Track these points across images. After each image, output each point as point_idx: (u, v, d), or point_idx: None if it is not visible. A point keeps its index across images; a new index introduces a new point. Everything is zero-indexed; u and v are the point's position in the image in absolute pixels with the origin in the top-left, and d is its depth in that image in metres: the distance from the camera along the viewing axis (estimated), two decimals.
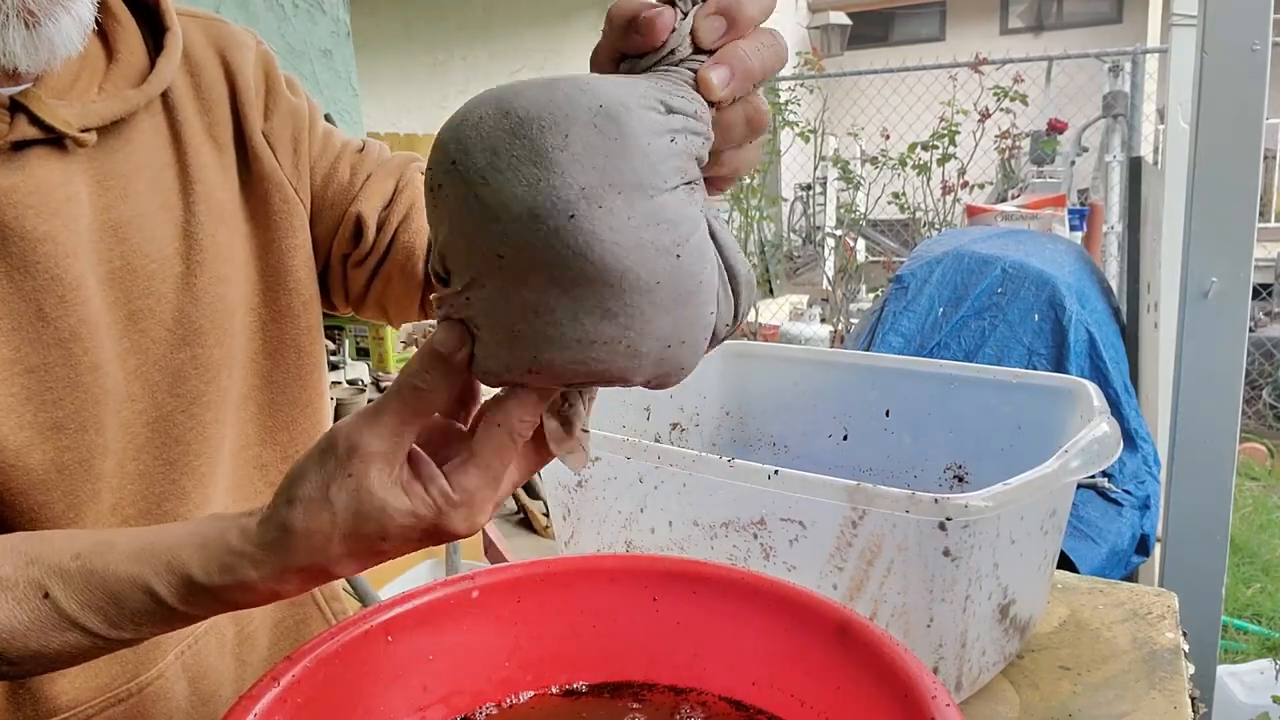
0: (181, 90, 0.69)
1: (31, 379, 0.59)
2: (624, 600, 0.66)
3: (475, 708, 0.63)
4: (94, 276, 0.62)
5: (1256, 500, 3.96)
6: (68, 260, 0.60)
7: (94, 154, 0.62)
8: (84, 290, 0.61)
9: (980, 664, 0.78)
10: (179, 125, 0.68)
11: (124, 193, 0.64)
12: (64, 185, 0.60)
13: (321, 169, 0.78)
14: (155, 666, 0.68)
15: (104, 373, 0.62)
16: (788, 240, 7.90)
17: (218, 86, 0.71)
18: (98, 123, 0.61)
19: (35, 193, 0.58)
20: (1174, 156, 2.33)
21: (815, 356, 1.20)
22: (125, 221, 0.64)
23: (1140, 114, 4.74)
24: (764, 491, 0.75)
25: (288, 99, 0.76)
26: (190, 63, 0.70)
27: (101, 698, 0.66)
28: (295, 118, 0.76)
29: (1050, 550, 0.85)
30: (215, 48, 0.72)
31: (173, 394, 0.67)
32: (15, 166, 0.58)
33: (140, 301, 0.64)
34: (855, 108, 6.55)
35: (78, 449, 0.61)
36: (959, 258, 2.67)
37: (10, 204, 0.57)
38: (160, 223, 0.66)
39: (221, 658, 0.74)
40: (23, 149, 0.58)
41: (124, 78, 0.65)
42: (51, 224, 0.59)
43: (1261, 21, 1.54)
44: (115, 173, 0.63)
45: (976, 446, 1.05)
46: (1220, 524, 1.71)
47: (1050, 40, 10.11)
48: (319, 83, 2.04)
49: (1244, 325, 1.63)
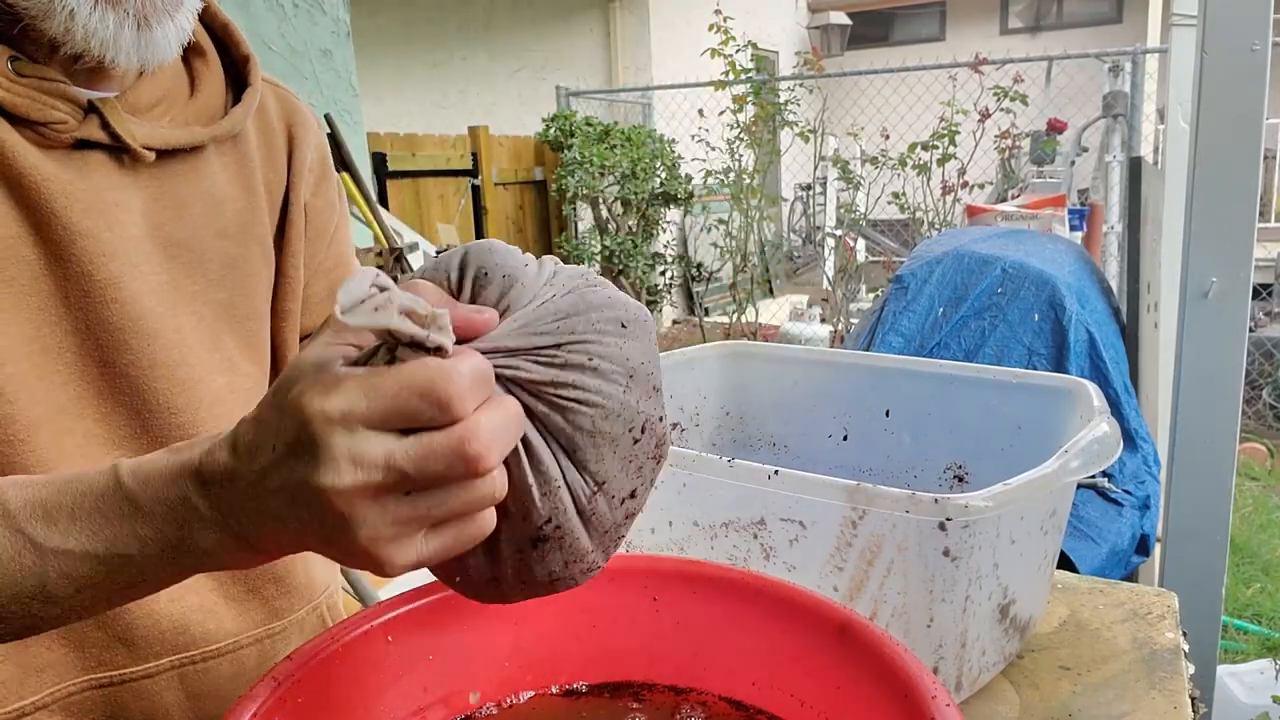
0: (254, 141, 0.75)
1: (45, 359, 0.61)
2: (624, 600, 0.66)
3: (475, 708, 0.63)
4: (140, 285, 0.65)
5: (1256, 500, 3.96)
6: (103, 259, 0.62)
7: (155, 173, 0.67)
8: (117, 292, 0.63)
9: (980, 664, 0.78)
10: (248, 170, 0.74)
11: (178, 213, 0.68)
12: (115, 192, 0.64)
13: (327, 274, 0.83)
14: (144, 665, 0.68)
15: (123, 372, 0.64)
16: (788, 240, 7.90)
17: (281, 153, 0.78)
18: (160, 145, 0.65)
19: (87, 191, 0.62)
20: (1174, 156, 2.33)
21: (815, 356, 1.20)
22: (176, 241, 0.68)
23: (1140, 114, 4.75)
24: (764, 491, 0.75)
25: (334, 193, 0.83)
26: (263, 121, 0.77)
27: (84, 678, 0.66)
28: (332, 212, 0.83)
29: (1050, 550, 0.85)
30: (286, 119, 0.79)
31: (210, 411, 0.69)
32: (74, 163, 0.62)
33: (185, 317, 0.68)
34: (855, 108, 6.55)
35: (75, 434, 0.63)
36: (959, 258, 2.67)
37: (63, 194, 0.61)
38: (212, 249, 0.70)
39: (236, 686, 0.73)
40: (85, 149, 0.62)
41: (198, 114, 0.70)
42: (96, 223, 0.62)
43: (1261, 21, 1.54)
44: (173, 193, 0.68)
45: (976, 446, 1.05)
46: (1220, 524, 1.71)
47: (1050, 40, 10.11)
48: (319, 83, 2.04)
49: (1244, 325, 1.63)
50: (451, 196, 5.75)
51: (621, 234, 5.97)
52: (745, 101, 5.82)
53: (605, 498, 0.42)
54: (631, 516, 0.44)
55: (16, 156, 0.59)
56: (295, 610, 0.78)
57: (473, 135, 5.93)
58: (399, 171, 5.29)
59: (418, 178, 5.49)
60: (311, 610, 0.80)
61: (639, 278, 6.00)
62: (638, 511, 0.44)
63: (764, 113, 5.85)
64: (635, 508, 0.43)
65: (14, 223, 0.60)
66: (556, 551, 0.42)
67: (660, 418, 0.43)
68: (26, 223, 0.60)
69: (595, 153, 5.77)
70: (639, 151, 5.87)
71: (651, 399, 0.43)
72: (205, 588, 0.71)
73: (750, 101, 5.83)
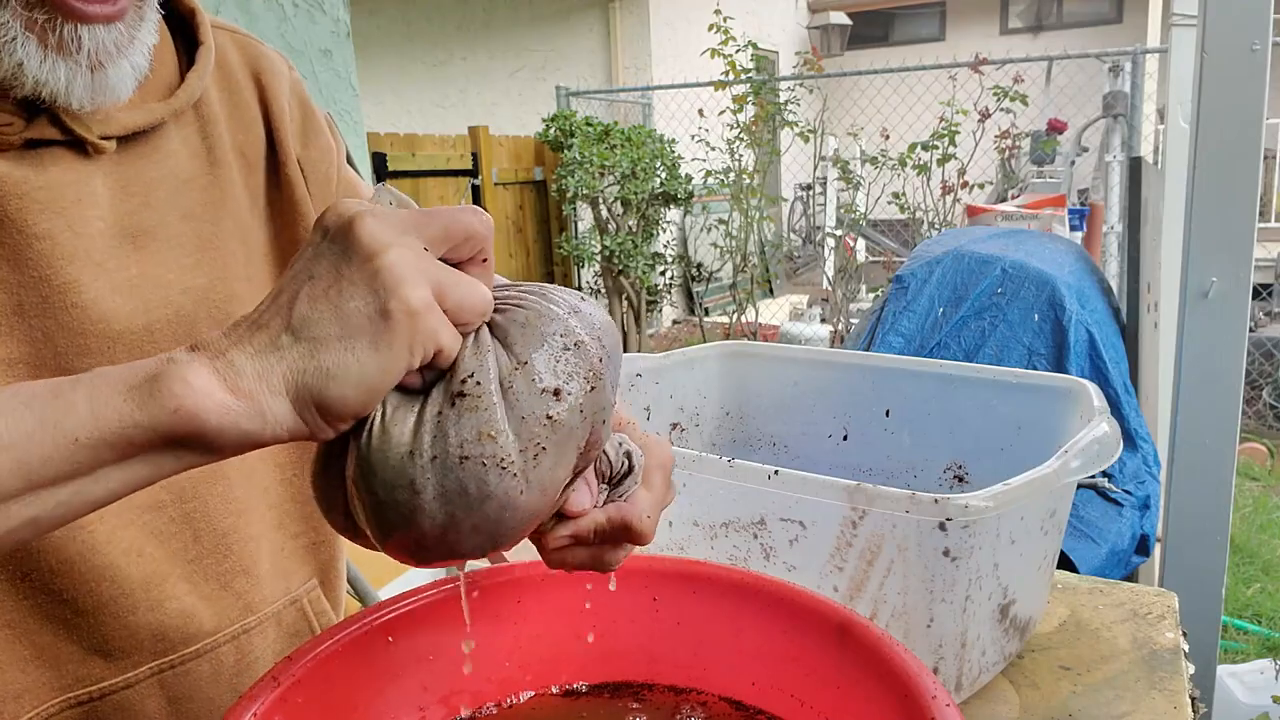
0: (216, 104, 0.70)
1: (7, 372, 0.59)
2: (624, 600, 0.66)
3: (475, 708, 0.63)
4: (104, 284, 0.62)
5: (1256, 500, 3.96)
6: (61, 263, 0.59)
7: (118, 161, 0.63)
8: (77, 295, 0.60)
9: (980, 664, 0.78)
10: (212, 138, 0.69)
11: (146, 200, 0.64)
12: (77, 187, 0.60)
13: None
14: (122, 675, 0.67)
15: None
16: (788, 240, 7.90)
17: (252, 106, 0.72)
18: (119, 132, 0.62)
19: (44, 189, 0.59)
20: (1174, 156, 2.33)
21: (815, 356, 1.20)
22: (145, 230, 0.64)
23: (1140, 114, 4.76)
24: (764, 491, 0.75)
25: (325, 134, 0.77)
26: (225, 77, 0.71)
27: (61, 698, 0.64)
28: (329, 154, 0.77)
29: (1050, 550, 0.85)
30: (250, 68, 0.73)
31: None
32: (30, 163, 0.59)
33: (158, 312, 0.64)
34: (855, 108, 6.55)
35: None
36: (959, 258, 2.67)
37: (16, 196, 0.58)
38: (181, 233, 0.66)
39: (216, 685, 0.72)
40: (40, 148, 0.59)
41: (152, 90, 0.65)
42: (54, 224, 0.59)
43: (1261, 21, 1.54)
44: (139, 179, 0.64)
45: (976, 446, 1.05)
46: (1220, 524, 1.71)
47: (1050, 40, 10.11)
48: (319, 83, 2.04)
49: (1244, 325, 1.63)
50: (451, 196, 5.74)
51: (621, 234, 5.96)
52: (745, 101, 5.82)
53: (525, 379, 0.45)
54: (553, 422, 0.45)
55: None
56: (270, 603, 0.75)
57: (473, 135, 5.93)
58: (399, 171, 5.29)
59: (418, 178, 5.49)
60: (290, 604, 0.77)
61: (639, 278, 5.99)
62: (563, 422, 0.45)
63: (764, 113, 5.85)
64: (558, 412, 0.45)
65: None
66: (472, 415, 0.44)
67: (601, 359, 0.47)
68: None
69: (595, 153, 5.77)
70: (639, 151, 5.87)
71: (592, 348, 0.47)
72: (179, 590, 0.68)
73: (750, 101, 5.83)
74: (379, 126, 6.09)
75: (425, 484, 0.43)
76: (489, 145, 5.97)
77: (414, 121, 7.49)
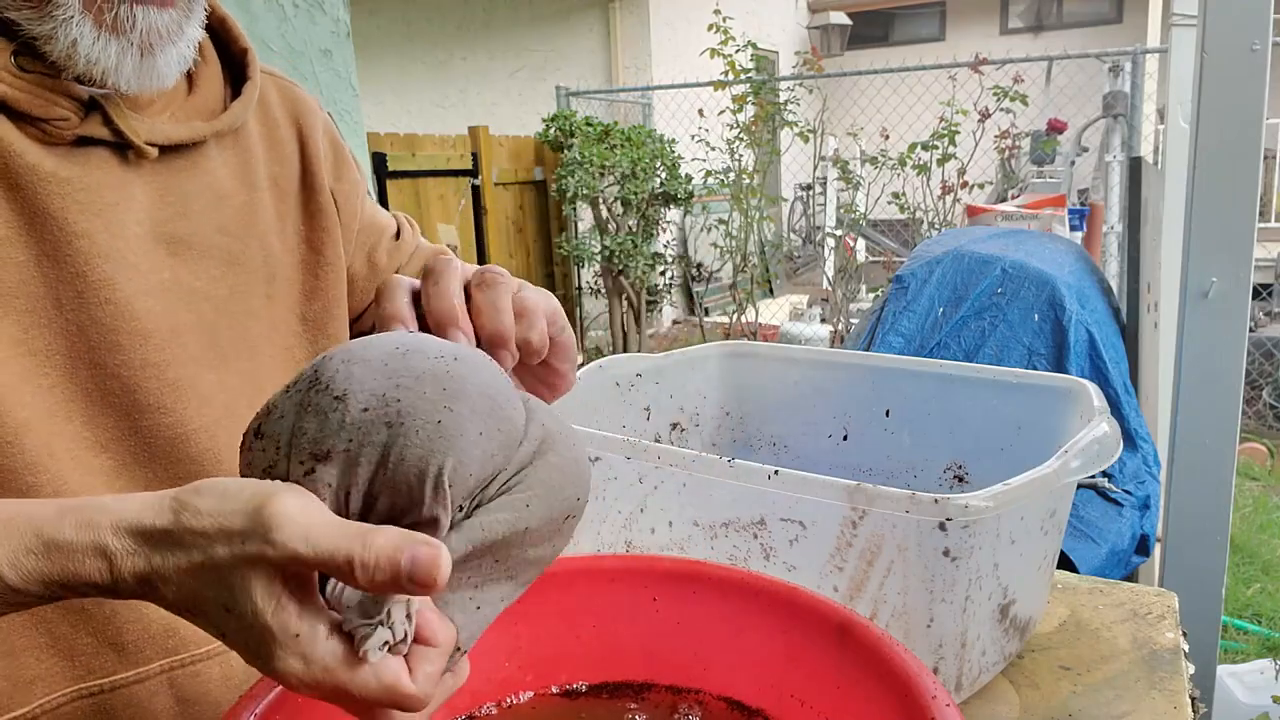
0: (255, 135, 0.75)
1: (33, 362, 0.61)
2: (624, 600, 0.66)
3: (475, 708, 0.63)
4: (138, 285, 0.64)
5: (1256, 500, 3.96)
6: (98, 259, 0.62)
7: (158, 170, 0.67)
8: (111, 292, 0.63)
9: (980, 664, 0.78)
10: (249, 164, 0.74)
11: (183, 210, 0.68)
12: (116, 190, 0.64)
13: (364, 248, 0.84)
14: (133, 670, 0.67)
15: (114, 373, 0.64)
16: (788, 240, 7.90)
17: (289, 143, 0.78)
18: (163, 141, 0.66)
19: (86, 189, 0.62)
20: (1174, 156, 2.33)
21: (815, 356, 1.20)
22: (179, 238, 0.68)
23: (1140, 114, 4.76)
24: (764, 491, 0.75)
25: (353, 169, 0.83)
26: (264, 113, 0.77)
27: (73, 688, 0.65)
28: (357, 188, 0.83)
29: (1050, 550, 0.85)
30: (289, 109, 0.79)
31: (198, 411, 0.68)
32: (76, 160, 0.62)
33: (183, 316, 0.68)
34: (855, 108, 6.55)
35: (64, 436, 0.62)
36: (959, 258, 2.67)
37: (59, 193, 0.61)
38: (213, 245, 0.70)
39: (225, 690, 0.73)
40: (86, 146, 0.62)
41: (198, 110, 0.70)
42: (93, 223, 0.62)
43: (1261, 21, 1.54)
44: (176, 190, 0.68)
45: (976, 446, 1.05)
46: (1220, 524, 1.71)
47: (1050, 40, 10.11)
48: (319, 83, 2.04)
49: (1244, 325, 1.63)
50: (451, 197, 5.74)
51: (621, 234, 5.96)
52: (745, 101, 5.82)
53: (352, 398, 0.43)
54: (384, 424, 0.42)
55: (15, 154, 0.59)
56: None
57: (473, 135, 5.93)
58: (399, 171, 5.28)
59: (418, 178, 5.49)
60: None
61: (639, 278, 5.99)
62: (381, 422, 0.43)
63: (764, 113, 5.85)
64: (382, 415, 0.43)
65: (4, 224, 0.59)
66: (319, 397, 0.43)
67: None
68: (20, 223, 0.60)
69: (595, 153, 5.77)
70: (639, 151, 5.87)
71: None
72: None
73: (750, 101, 5.83)
74: (379, 126, 6.09)
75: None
76: (489, 145, 5.97)
77: (414, 121, 7.50)
